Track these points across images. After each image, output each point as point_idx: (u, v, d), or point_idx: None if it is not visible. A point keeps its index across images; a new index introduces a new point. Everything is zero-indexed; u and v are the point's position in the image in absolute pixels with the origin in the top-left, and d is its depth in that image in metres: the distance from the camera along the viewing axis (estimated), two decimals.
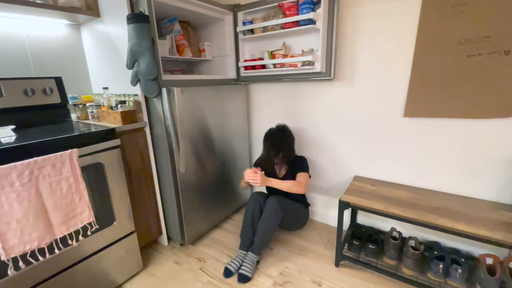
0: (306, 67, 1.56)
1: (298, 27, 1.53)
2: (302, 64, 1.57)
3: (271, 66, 1.71)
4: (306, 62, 1.55)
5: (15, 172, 0.93)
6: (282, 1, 1.54)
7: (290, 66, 1.62)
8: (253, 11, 1.73)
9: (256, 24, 1.69)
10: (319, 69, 1.54)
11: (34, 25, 1.46)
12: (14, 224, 0.94)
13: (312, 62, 1.55)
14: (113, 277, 1.37)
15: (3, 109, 1.29)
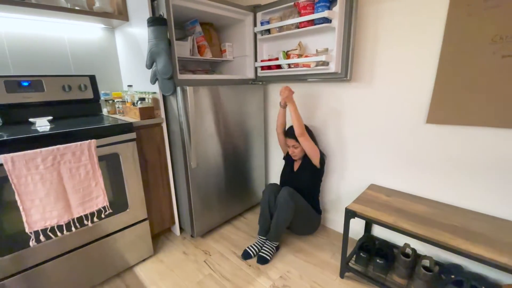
0: (320, 67, 1.51)
1: (312, 26, 1.48)
2: (316, 64, 1.52)
3: (286, 66, 1.69)
4: (320, 62, 1.50)
5: (40, 157, 1.08)
6: (298, 0, 1.51)
7: (303, 66, 1.58)
8: (271, 11, 1.73)
9: (272, 24, 1.69)
10: (334, 69, 1.48)
11: (74, 29, 1.66)
12: (37, 202, 1.09)
13: (327, 62, 1.49)
14: (126, 259, 1.50)
15: (44, 102, 1.51)
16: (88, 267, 1.34)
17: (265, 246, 1.61)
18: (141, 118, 1.49)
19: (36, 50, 1.54)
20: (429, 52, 1.29)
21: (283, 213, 1.55)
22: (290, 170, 1.77)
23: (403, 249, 1.37)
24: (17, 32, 1.47)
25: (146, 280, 1.45)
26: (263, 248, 1.61)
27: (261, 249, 1.62)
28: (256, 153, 2.08)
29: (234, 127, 1.84)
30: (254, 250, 1.62)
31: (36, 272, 1.18)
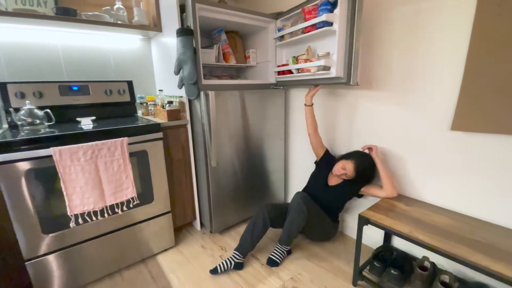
0: (321, 72, 1.50)
1: (315, 30, 1.49)
2: (316, 69, 1.52)
3: (295, 71, 1.71)
4: (320, 67, 1.49)
5: (82, 151, 1.26)
6: (305, 6, 1.53)
7: (307, 71, 1.59)
8: (286, 18, 1.78)
9: (285, 30, 1.73)
10: (335, 74, 1.45)
11: (116, 40, 1.89)
12: (78, 189, 1.28)
13: (328, 67, 1.48)
14: (150, 247, 1.65)
15: (89, 104, 1.74)
16: (117, 250, 1.51)
17: (276, 250, 1.63)
18: (168, 120, 1.64)
19: (85, 59, 1.79)
20: (453, 56, 1.23)
21: (295, 219, 1.55)
22: (324, 182, 1.71)
23: (421, 262, 1.30)
24: (71, 44, 1.73)
25: (166, 268, 1.58)
26: (274, 251, 1.63)
27: (272, 251, 1.63)
28: (276, 157, 2.12)
29: (254, 130, 1.91)
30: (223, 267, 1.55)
31: (73, 251, 1.37)
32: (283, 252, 1.62)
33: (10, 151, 1.14)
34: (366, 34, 1.52)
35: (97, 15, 1.60)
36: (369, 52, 1.54)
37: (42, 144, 1.21)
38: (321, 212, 1.64)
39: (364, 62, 1.57)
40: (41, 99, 1.59)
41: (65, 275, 1.36)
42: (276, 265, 1.58)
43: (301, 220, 1.55)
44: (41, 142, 1.21)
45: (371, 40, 1.52)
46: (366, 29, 1.52)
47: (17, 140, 1.16)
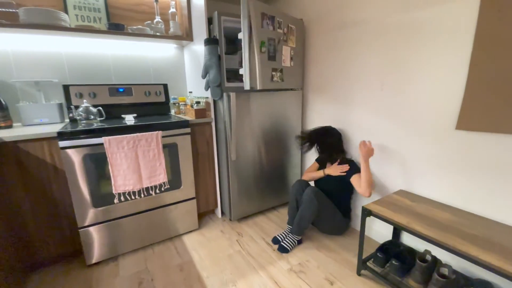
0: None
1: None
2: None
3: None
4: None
5: (125, 141, 1.54)
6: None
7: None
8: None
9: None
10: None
11: (155, 49, 2.19)
12: (122, 172, 1.55)
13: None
14: (177, 227, 1.89)
15: (132, 103, 2.05)
16: (150, 227, 1.77)
17: (288, 238, 1.78)
18: (195, 117, 1.88)
19: (129, 65, 2.11)
20: (459, 57, 1.29)
21: (306, 210, 1.70)
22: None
23: (422, 255, 1.36)
24: (118, 53, 2.06)
25: (189, 246, 1.80)
26: (285, 239, 1.78)
27: (284, 239, 1.79)
28: (293, 153, 2.26)
29: (272, 128, 2.08)
30: (281, 237, 1.81)
31: (115, 224, 1.65)
32: (293, 241, 1.76)
33: (74, 139, 1.45)
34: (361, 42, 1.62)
35: (140, 28, 1.90)
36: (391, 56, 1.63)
37: (96, 135, 1.50)
38: (332, 206, 1.76)
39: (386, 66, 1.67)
40: (95, 99, 1.93)
41: (108, 244, 1.65)
42: (286, 252, 1.72)
43: (312, 212, 1.68)
44: (95, 133, 1.51)
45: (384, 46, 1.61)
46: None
47: (77, 131, 1.47)
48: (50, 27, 1.60)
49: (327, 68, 2.02)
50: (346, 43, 1.83)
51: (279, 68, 1.88)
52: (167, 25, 2.10)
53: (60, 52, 1.87)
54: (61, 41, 1.86)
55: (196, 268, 1.59)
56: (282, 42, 1.85)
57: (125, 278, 1.53)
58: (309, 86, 2.22)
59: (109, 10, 1.95)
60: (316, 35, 2.07)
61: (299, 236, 1.78)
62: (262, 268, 1.59)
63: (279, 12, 1.79)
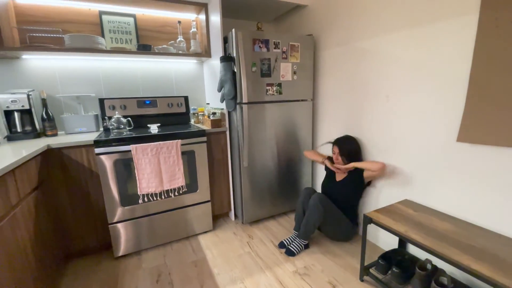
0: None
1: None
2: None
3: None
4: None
5: (149, 148, 1.75)
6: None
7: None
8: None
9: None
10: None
11: (177, 65, 2.43)
12: (146, 175, 1.76)
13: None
14: (193, 227, 2.07)
15: (156, 114, 2.29)
16: (169, 226, 1.96)
17: (295, 242, 1.87)
18: (211, 127, 2.06)
19: (155, 79, 2.36)
20: (459, 69, 1.33)
21: (312, 215, 1.79)
22: (333, 179, 1.98)
23: (423, 263, 1.39)
24: (146, 69, 2.32)
25: (204, 245, 1.97)
26: (292, 243, 1.87)
27: (291, 243, 1.88)
28: (304, 161, 2.36)
29: (283, 137, 2.21)
30: (288, 242, 1.91)
31: (140, 222, 1.86)
32: (300, 245, 1.85)
33: (106, 146, 1.68)
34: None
35: (165, 48, 2.14)
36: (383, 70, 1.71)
37: (124, 143, 1.73)
38: (338, 212, 1.83)
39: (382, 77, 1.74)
40: (125, 110, 2.18)
41: (133, 239, 1.86)
42: (293, 255, 1.82)
43: (317, 218, 1.77)
44: (124, 141, 1.73)
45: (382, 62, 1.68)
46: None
47: (109, 139, 1.70)
48: (89, 50, 1.88)
49: (336, 79, 2.11)
50: (353, 56, 1.92)
51: (275, 83, 2.06)
52: (189, 43, 2.33)
53: (97, 70, 2.15)
54: (98, 61, 2.14)
55: (209, 265, 1.74)
56: (281, 59, 2.04)
57: (146, 270, 1.72)
58: (320, 97, 2.31)
59: (138, 32, 2.21)
60: (325, 49, 2.17)
61: (306, 240, 1.86)
62: (269, 268, 1.70)
63: (278, 33, 2.00)
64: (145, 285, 1.59)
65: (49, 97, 2.02)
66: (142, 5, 2.10)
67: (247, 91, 1.92)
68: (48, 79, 2.01)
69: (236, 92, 1.95)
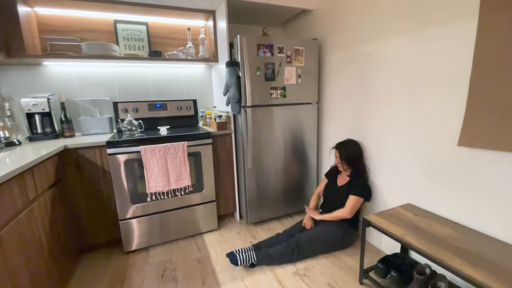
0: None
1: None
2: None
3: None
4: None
5: (157, 149, 1.84)
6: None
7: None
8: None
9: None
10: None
11: (186, 69, 2.53)
12: (154, 175, 1.86)
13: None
14: (199, 226, 2.14)
15: (167, 117, 2.39)
16: (176, 224, 2.05)
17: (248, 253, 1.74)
18: (217, 129, 2.13)
19: (165, 84, 2.47)
20: (460, 73, 1.33)
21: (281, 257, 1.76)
22: (334, 184, 1.99)
23: (421, 268, 1.39)
24: (157, 74, 2.43)
25: (208, 244, 2.03)
26: (244, 253, 1.73)
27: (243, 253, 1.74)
28: (308, 164, 2.38)
29: (288, 139, 2.24)
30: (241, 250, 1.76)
31: (148, 219, 1.96)
32: (249, 259, 1.73)
33: (118, 147, 1.79)
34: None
35: (175, 54, 2.24)
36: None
37: (134, 144, 1.83)
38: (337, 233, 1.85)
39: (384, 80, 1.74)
40: (137, 113, 2.30)
41: (141, 235, 1.96)
42: (235, 264, 1.70)
43: (282, 262, 1.77)
44: (134, 143, 1.83)
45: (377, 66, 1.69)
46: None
47: (120, 141, 1.81)
48: (105, 57, 2.00)
49: (341, 83, 2.12)
50: (357, 60, 1.93)
51: (280, 86, 2.11)
52: (197, 48, 2.42)
53: (112, 75, 2.29)
54: (113, 67, 2.28)
55: (212, 263, 1.81)
56: (285, 63, 2.08)
57: (153, 265, 1.80)
58: (325, 100, 2.33)
59: (150, 39, 2.33)
60: (330, 53, 2.20)
61: (256, 263, 1.74)
62: (270, 269, 1.74)
63: (282, 38, 2.05)
64: (150, 279, 1.67)
65: (68, 100, 2.17)
66: (154, 14, 2.22)
67: (251, 95, 1.98)
68: (67, 84, 2.16)
69: (241, 95, 2.02)
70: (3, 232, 1.02)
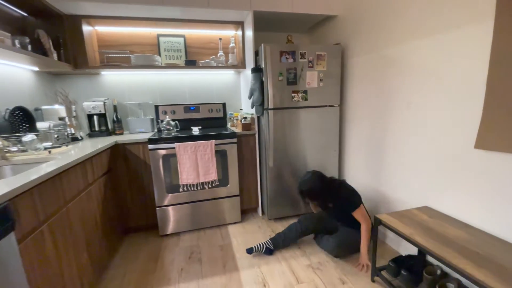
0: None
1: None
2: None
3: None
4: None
5: (189, 146, 2.10)
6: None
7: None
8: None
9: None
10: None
11: (217, 75, 2.78)
12: (185, 169, 2.12)
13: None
14: (224, 217, 2.35)
15: (199, 118, 2.67)
16: (204, 214, 2.29)
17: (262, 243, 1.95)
18: (242, 130, 2.33)
19: (199, 88, 2.75)
20: (477, 76, 1.32)
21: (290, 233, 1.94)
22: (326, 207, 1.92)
23: (432, 269, 1.39)
24: (192, 80, 2.72)
25: (231, 234, 2.23)
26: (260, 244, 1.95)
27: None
28: (329, 166, 2.45)
29: (309, 140, 2.35)
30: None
31: (180, 207, 2.22)
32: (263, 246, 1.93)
33: (157, 143, 2.08)
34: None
35: (207, 62, 2.50)
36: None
37: (171, 141, 2.11)
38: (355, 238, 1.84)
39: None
40: (174, 115, 2.61)
41: (174, 222, 2.23)
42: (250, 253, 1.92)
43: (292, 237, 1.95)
44: (170, 140, 2.11)
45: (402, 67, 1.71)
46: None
47: (159, 138, 2.10)
48: (149, 66, 2.34)
49: (363, 86, 2.17)
50: (378, 64, 1.97)
51: (301, 90, 2.23)
52: (227, 56, 2.66)
53: (154, 82, 2.63)
54: (155, 75, 2.62)
55: (233, 250, 1.99)
56: (307, 68, 2.19)
57: (182, 248, 2.05)
58: (348, 102, 2.39)
59: (187, 49, 2.63)
60: (352, 57, 2.25)
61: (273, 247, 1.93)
62: (284, 259, 1.87)
63: (304, 45, 2.18)
64: (179, 259, 1.92)
65: (119, 104, 2.56)
66: (191, 27, 2.51)
67: (273, 98, 2.14)
68: (118, 90, 2.56)
69: (263, 99, 2.18)
70: (70, 205, 1.32)
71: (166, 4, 2.01)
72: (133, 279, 1.73)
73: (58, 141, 1.83)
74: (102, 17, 2.18)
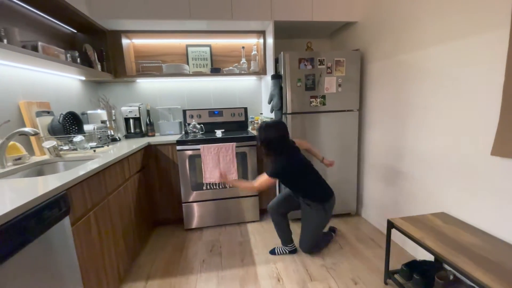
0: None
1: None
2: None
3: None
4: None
5: (212, 148, 2.27)
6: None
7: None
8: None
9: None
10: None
11: (240, 81, 2.94)
12: (209, 169, 2.29)
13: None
14: (244, 215, 2.49)
15: (222, 122, 2.85)
16: (224, 212, 2.44)
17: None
18: None
19: (222, 93, 2.93)
20: (493, 83, 1.32)
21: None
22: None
23: (445, 274, 1.40)
24: (216, 86, 2.91)
25: (250, 231, 2.36)
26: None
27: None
28: (348, 169, 2.48)
29: (327, 144, 2.41)
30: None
31: (204, 204, 2.40)
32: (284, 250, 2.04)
33: (184, 145, 2.29)
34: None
35: (231, 69, 2.67)
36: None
37: (196, 143, 2.30)
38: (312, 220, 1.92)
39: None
40: (200, 119, 2.82)
41: (198, 217, 2.41)
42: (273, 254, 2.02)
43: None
44: (196, 142, 2.30)
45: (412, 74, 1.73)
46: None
47: (186, 140, 2.30)
48: (178, 74, 2.56)
49: (382, 90, 2.18)
50: (396, 69, 1.99)
51: (319, 95, 2.30)
52: (249, 63, 2.81)
53: (183, 88, 2.86)
54: (184, 82, 2.85)
55: (251, 247, 2.12)
56: (325, 74, 2.26)
57: (204, 242, 2.23)
58: (367, 107, 2.41)
59: (212, 57, 2.83)
60: (372, 62, 2.28)
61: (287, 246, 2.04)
62: (300, 258, 1.95)
63: (323, 51, 2.25)
64: (202, 251, 2.09)
65: (152, 108, 2.82)
66: (217, 37, 2.71)
67: (291, 103, 2.24)
68: (151, 96, 2.82)
69: (282, 104, 2.29)
70: (111, 197, 1.54)
71: (194, 18, 2.21)
72: (160, 266, 1.92)
73: (100, 142, 2.10)
74: (139, 31, 2.45)
